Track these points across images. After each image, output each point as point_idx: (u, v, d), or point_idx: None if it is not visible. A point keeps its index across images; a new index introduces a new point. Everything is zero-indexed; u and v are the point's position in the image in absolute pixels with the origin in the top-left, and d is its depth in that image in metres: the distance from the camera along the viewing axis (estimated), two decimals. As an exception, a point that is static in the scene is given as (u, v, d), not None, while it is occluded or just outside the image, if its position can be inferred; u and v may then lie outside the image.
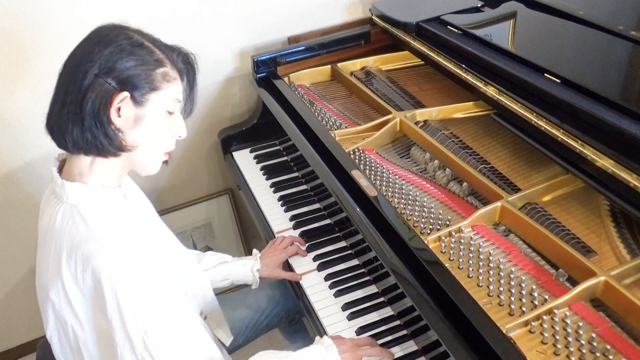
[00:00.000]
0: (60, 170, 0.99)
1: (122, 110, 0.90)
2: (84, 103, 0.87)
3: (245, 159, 1.74)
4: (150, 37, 0.96)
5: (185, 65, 0.99)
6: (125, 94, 0.89)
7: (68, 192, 0.93)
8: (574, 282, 1.01)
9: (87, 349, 0.94)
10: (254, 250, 1.38)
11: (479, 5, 1.58)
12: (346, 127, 1.51)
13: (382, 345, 1.13)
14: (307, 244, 1.40)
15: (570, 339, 0.93)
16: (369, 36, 1.78)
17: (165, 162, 1.03)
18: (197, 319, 1.08)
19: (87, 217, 0.91)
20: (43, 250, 0.95)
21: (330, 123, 1.54)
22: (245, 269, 1.34)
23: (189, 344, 0.96)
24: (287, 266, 1.37)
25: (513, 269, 1.06)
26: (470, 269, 1.08)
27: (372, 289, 1.26)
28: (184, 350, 0.94)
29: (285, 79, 1.71)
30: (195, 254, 1.35)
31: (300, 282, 1.31)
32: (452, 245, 1.12)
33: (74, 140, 0.90)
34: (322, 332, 1.19)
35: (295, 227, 1.46)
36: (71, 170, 0.95)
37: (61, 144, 0.92)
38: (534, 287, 1.02)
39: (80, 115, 0.88)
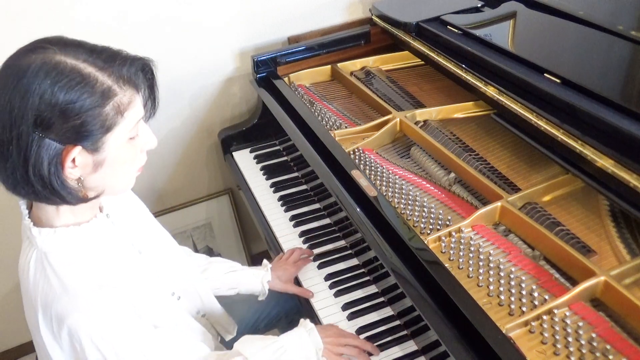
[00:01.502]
0: (31, 207, 0.91)
1: (78, 160, 0.78)
2: (29, 168, 0.75)
3: (245, 159, 1.74)
4: (86, 49, 0.78)
5: (143, 75, 0.83)
6: (77, 148, 0.76)
7: (37, 238, 0.86)
8: (574, 282, 1.01)
9: None
10: (264, 261, 1.35)
11: (479, 5, 1.58)
12: (346, 127, 1.51)
13: (382, 345, 1.13)
14: (307, 245, 1.40)
15: (570, 339, 0.93)
16: (369, 36, 1.78)
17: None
18: (188, 330, 1.07)
19: (57, 268, 0.84)
20: (23, 295, 0.91)
21: (330, 123, 1.54)
22: (255, 279, 1.30)
23: None
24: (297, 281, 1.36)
25: (513, 269, 1.06)
26: (470, 269, 1.08)
27: (372, 289, 1.26)
28: None
29: (285, 79, 1.71)
30: (204, 259, 1.32)
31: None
32: (452, 245, 1.12)
33: (29, 197, 0.81)
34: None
35: (295, 227, 1.46)
36: (38, 214, 0.88)
37: (17, 195, 0.82)
38: (534, 287, 1.02)
39: (29, 182, 0.77)
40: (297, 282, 1.33)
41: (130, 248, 1.00)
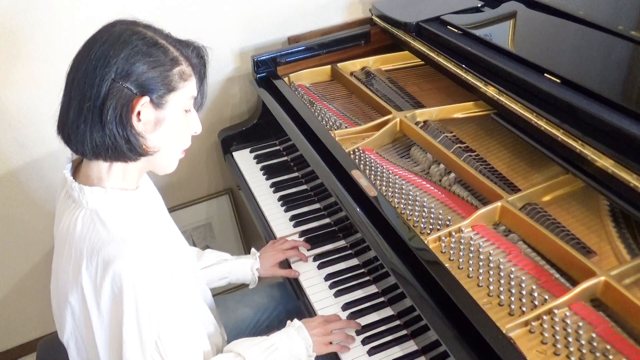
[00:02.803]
0: (74, 173, 0.97)
1: (143, 115, 0.88)
2: (104, 110, 0.86)
3: (245, 159, 1.74)
4: (163, 32, 0.95)
5: (199, 60, 0.97)
6: (146, 98, 0.87)
7: (87, 197, 0.92)
8: (574, 282, 1.01)
9: (104, 352, 0.93)
10: (253, 250, 1.38)
11: (479, 5, 1.58)
12: (346, 127, 1.51)
13: (382, 345, 1.13)
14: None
15: (570, 339, 0.93)
16: (369, 36, 1.78)
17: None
18: (201, 317, 1.09)
19: (107, 222, 0.90)
20: (61, 256, 0.94)
21: (330, 123, 1.54)
22: (245, 267, 1.34)
23: (196, 344, 0.98)
24: (288, 265, 1.37)
25: (513, 269, 1.06)
26: (470, 269, 1.08)
27: (372, 289, 1.25)
28: (191, 350, 0.95)
29: (285, 79, 1.71)
30: (195, 251, 1.35)
31: (301, 282, 1.31)
32: (452, 245, 1.12)
33: (94, 147, 0.89)
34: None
35: (295, 227, 1.46)
36: (88, 174, 0.94)
37: (79, 150, 0.91)
38: (534, 287, 1.02)
39: (100, 123, 0.86)
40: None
41: (163, 229, 1.06)
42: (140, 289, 0.86)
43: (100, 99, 0.85)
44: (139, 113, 0.88)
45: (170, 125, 0.93)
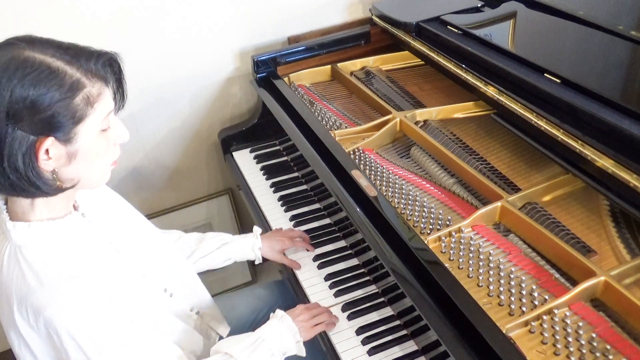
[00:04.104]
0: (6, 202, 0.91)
1: (51, 152, 0.79)
2: (3, 160, 0.77)
3: (245, 159, 1.74)
4: (59, 46, 0.81)
5: (109, 68, 0.84)
6: (49, 139, 0.78)
7: (11, 232, 0.86)
8: (574, 282, 1.01)
9: None
10: (255, 227, 1.38)
11: (479, 5, 1.58)
12: (346, 127, 1.51)
13: (382, 345, 1.13)
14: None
15: (570, 339, 0.93)
16: (369, 36, 1.78)
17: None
18: (172, 329, 1.08)
19: (32, 262, 0.85)
20: None
21: (330, 123, 1.54)
22: (247, 247, 1.34)
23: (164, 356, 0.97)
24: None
25: (513, 269, 1.06)
26: (470, 269, 1.08)
27: (372, 289, 1.26)
28: None
29: (285, 79, 1.71)
30: (195, 239, 1.33)
31: (300, 281, 1.31)
32: (452, 245, 1.12)
33: (5, 190, 0.82)
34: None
35: (295, 227, 1.46)
36: (14, 208, 0.88)
37: None
38: (534, 287, 1.02)
39: (4, 174, 0.78)
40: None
41: (108, 246, 1.00)
42: (76, 331, 0.84)
43: None
44: (47, 151, 0.79)
45: (87, 155, 0.84)
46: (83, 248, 0.93)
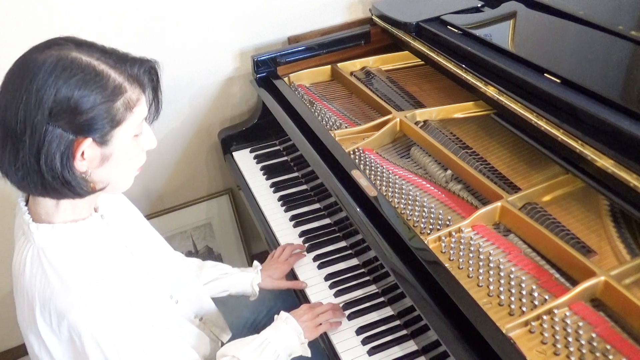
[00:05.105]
0: (28, 200, 0.91)
1: (86, 153, 0.80)
2: (41, 158, 0.77)
3: (245, 159, 1.74)
4: (103, 50, 0.83)
5: (148, 77, 0.87)
6: (88, 140, 0.79)
7: (34, 234, 0.86)
8: (574, 282, 1.01)
9: None
10: (255, 262, 1.36)
11: (479, 5, 1.58)
12: (346, 127, 1.51)
13: (382, 345, 1.13)
14: (307, 245, 1.40)
15: (570, 339, 0.93)
16: (369, 36, 1.78)
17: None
18: (182, 332, 1.08)
19: (56, 264, 0.85)
20: (17, 293, 0.91)
21: (330, 123, 1.54)
22: (245, 282, 1.32)
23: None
24: (292, 275, 1.36)
25: (513, 269, 1.06)
26: (470, 269, 1.08)
27: (372, 289, 1.26)
28: None
29: (285, 79, 1.71)
30: (197, 263, 1.33)
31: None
32: (452, 245, 1.12)
33: (37, 190, 0.82)
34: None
35: (295, 227, 1.46)
36: (37, 210, 0.88)
37: (22, 189, 0.84)
38: (534, 287, 1.02)
39: (39, 172, 0.78)
40: (295, 279, 1.33)
41: (123, 249, 1.01)
42: (100, 336, 0.84)
43: (35, 146, 0.76)
44: (82, 153, 0.80)
45: (119, 158, 0.85)
46: (102, 250, 0.93)
